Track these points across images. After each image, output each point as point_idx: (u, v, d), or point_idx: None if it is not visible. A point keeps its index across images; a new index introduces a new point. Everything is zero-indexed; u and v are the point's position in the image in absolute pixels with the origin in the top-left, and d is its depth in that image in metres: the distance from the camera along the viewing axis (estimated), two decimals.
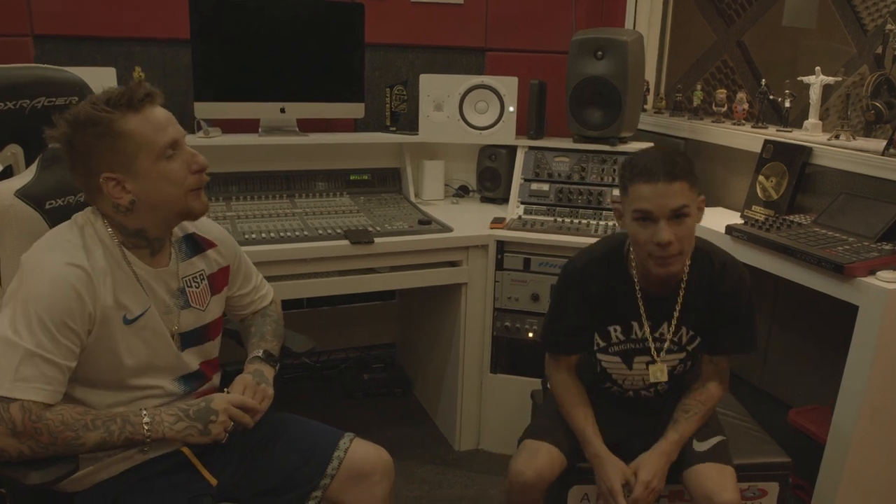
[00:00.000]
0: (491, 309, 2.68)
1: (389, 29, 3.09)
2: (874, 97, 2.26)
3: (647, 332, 1.77)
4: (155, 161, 1.35)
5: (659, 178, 1.56)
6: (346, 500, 1.59)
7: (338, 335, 3.40)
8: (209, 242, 1.61)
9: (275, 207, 2.72)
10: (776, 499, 1.88)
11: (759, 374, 2.70)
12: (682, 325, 1.78)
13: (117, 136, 1.32)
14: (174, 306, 1.50)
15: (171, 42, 2.81)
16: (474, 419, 2.80)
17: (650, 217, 1.58)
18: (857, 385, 1.87)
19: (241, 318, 1.79)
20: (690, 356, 1.83)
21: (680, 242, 1.59)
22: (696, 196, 1.63)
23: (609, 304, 1.77)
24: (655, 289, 1.75)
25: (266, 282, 1.83)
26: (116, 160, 1.33)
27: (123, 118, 1.33)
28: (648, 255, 1.62)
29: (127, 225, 1.40)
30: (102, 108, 1.32)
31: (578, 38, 2.81)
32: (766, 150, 2.51)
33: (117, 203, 1.36)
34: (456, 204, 3.08)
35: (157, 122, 1.36)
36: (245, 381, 1.54)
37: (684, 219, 1.58)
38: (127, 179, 1.35)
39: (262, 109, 2.83)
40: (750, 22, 3.00)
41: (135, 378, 1.42)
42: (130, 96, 1.33)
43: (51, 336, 1.27)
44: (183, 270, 1.52)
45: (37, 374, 1.26)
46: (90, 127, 1.32)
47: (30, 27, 2.61)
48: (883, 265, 1.89)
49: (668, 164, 1.57)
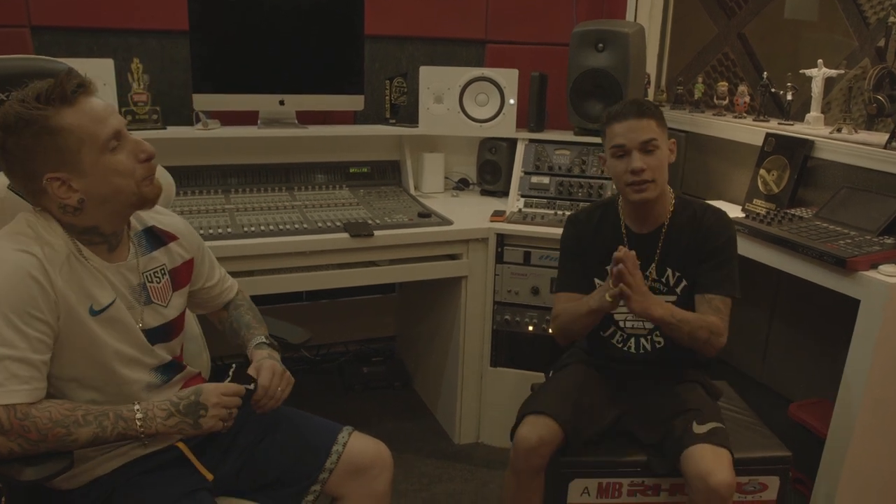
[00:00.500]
0: (491, 302, 2.67)
1: (389, 21, 3.08)
2: (876, 90, 2.25)
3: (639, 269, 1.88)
4: (99, 155, 1.28)
5: (629, 116, 1.82)
6: (344, 493, 1.59)
7: (337, 328, 3.40)
8: (170, 235, 1.55)
9: (274, 200, 2.71)
10: (776, 493, 1.88)
11: (760, 368, 2.70)
12: (665, 266, 1.93)
13: (55, 133, 1.24)
14: (136, 302, 1.44)
15: (170, 33, 2.79)
16: (474, 413, 2.80)
17: (624, 150, 1.83)
18: (858, 379, 1.86)
19: (215, 314, 1.77)
20: (682, 300, 1.92)
21: (652, 171, 1.82)
22: (666, 137, 1.87)
23: (602, 246, 1.95)
24: (639, 228, 1.95)
25: (227, 273, 1.78)
26: (58, 159, 1.26)
27: (58, 114, 1.24)
28: (626, 185, 1.85)
29: (77, 224, 1.33)
30: (34, 106, 1.23)
31: (579, 31, 2.80)
32: (768, 144, 2.50)
33: (64, 203, 1.29)
34: (456, 197, 3.07)
35: (96, 114, 1.28)
36: (273, 367, 1.52)
37: (654, 151, 1.82)
38: (73, 178, 1.27)
39: (261, 101, 2.82)
40: (751, 14, 2.99)
41: (115, 371, 1.38)
42: (62, 89, 1.25)
43: (17, 330, 1.23)
44: (143, 265, 1.46)
45: (9, 377, 1.22)
46: (24, 128, 1.23)
47: (27, 18, 2.59)
48: (885, 259, 1.88)
49: (636, 104, 1.85)
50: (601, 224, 1.99)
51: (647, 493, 1.87)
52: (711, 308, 1.86)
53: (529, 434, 1.79)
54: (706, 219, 1.91)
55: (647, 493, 1.87)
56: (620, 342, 2.01)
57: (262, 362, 1.52)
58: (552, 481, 1.86)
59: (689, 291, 1.93)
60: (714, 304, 1.86)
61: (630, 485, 1.86)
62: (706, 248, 1.89)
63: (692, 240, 1.90)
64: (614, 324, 2.00)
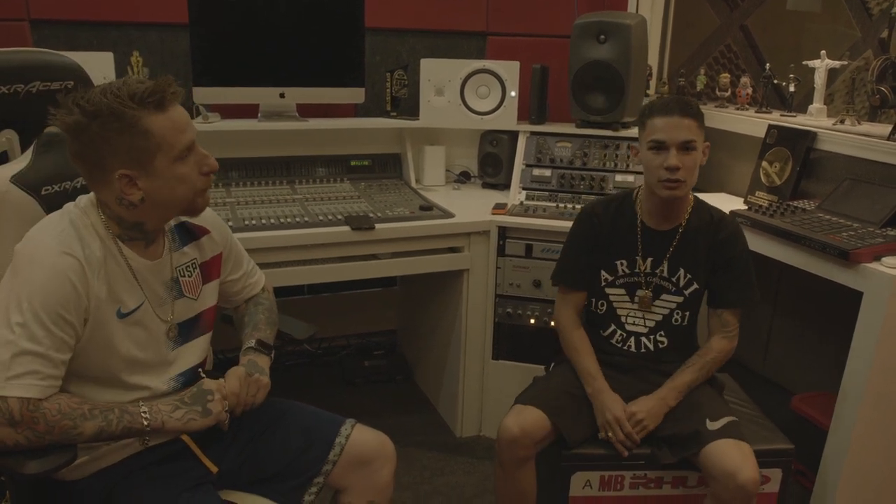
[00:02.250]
0: (492, 295, 2.67)
1: (390, 13, 3.07)
2: (879, 81, 2.24)
3: (649, 265, 1.95)
4: (172, 162, 1.32)
5: (674, 113, 1.81)
6: (347, 486, 1.59)
7: (339, 322, 3.40)
8: (202, 229, 1.58)
9: (275, 193, 2.70)
10: (779, 485, 1.88)
11: (762, 360, 2.69)
12: (678, 265, 1.94)
13: (140, 134, 1.28)
14: (168, 297, 1.47)
15: (170, 26, 2.78)
16: (476, 406, 2.80)
17: (663, 146, 1.81)
18: (861, 371, 1.86)
19: (234, 307, 1.77)
20: (688, 303, 1.95)
21: (686, 171, 1.82)
22: (703, 140, 1.86)
23: (615, 240, 1.97)
24: (656, 225, 1.94)
25: (258, 268, 1.80)
26: (134, 157, 1.29)
27: (149, 116, 1.28)
28: (658, 180, 1.83)
29: (126, 218, 1.37)
30: (128, 104, 1.26)
31: (581, 22, 2.79)
32: (770, 136, 2.49)
33: (125, 198, 1.33)
34: (457, 190, 3.06)
35: (179, 123, 1.32)
36: (237, 373, 1.51)
37: (691, 152, 1.82)
38: (140, 177, 1.31)
39: (262, 94, 2.81)
40: (754, 6, 2.97)
41: (124, 375, 1.39)
42: (162, 96, 1.29)
43: (45, 329, 1.25)
44: (176, 260, 1.50)
45: (30, 371, 1.23)
46: (113, 121, 1.26)
47: (26, 11, 2.59)
48: (888, 251, 1.87)
49: (682, 103, 1.84)
50: (617, 218, 1.99)
51: (650, 486, 1.87)
52: (721, 322, 1.95)
53: (512, 424, 1.81)
54: (723, 229, 1.92)
55: (649, 485, 1.87)
56: (620, 342, 2.01)
57: (230, 371, 1.52)
58: (554, 474, 1.86)
59: (696, 295, 1.95)
60: (724, 318, 1.95)
61: (632, 478, 1.86)
62: (721, 259, 1.92)
63: (707, 246, 1.92)
64: (615, 322, 2.01)
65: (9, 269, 1.30)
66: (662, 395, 1.87)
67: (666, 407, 1.86)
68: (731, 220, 1.95)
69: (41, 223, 1.37)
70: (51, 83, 1.64)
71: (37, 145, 1.57)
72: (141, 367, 1.42)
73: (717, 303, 1.95)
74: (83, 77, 1.71)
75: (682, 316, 1.96)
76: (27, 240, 1.32)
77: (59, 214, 1.37)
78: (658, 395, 1.87)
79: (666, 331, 1.97)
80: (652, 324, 1.97)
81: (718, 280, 1.93)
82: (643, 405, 1.85)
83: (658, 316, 1.97)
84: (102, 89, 1.29)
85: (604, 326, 2.02)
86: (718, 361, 1.93)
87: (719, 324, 1.95)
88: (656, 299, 1.96)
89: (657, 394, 1.87)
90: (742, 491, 1.65)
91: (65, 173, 1.54)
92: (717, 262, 1.92)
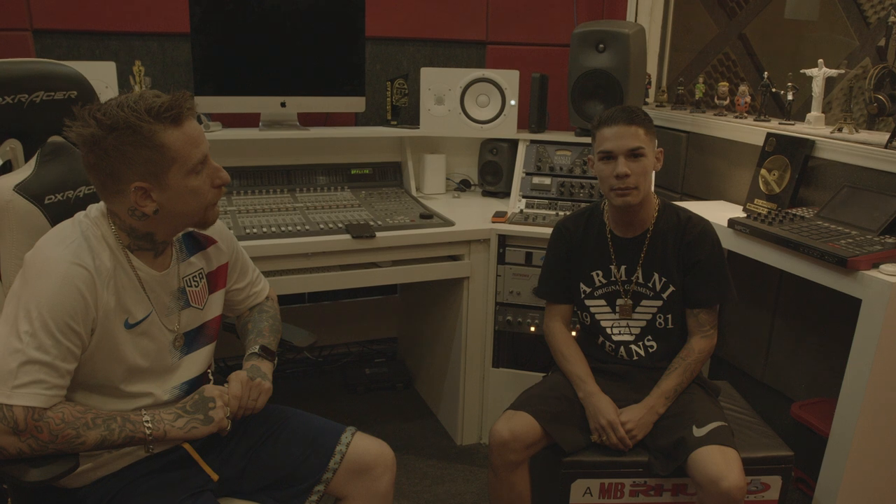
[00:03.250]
0: (493, 303, 2.67)
1: (391, 22, 3.09)
2: (877, 90, 2.25)
3: (624, 273, 1.99)
4: (185, 175, 1.33)
5: (619, 122, 1.86)
6: (348, 493, 1.59)
7: (339, 330, 3.40)
8: (209, 239, 1.59)
9: (276, 202, 2.72)
10: (779, 492, 1.88)
11: (762, 367, 2.69)
12: (651, 270, 1.97)
13: (156, 148, 1.29)
14: (175, 307, 1.48)
15: (171, 36, 2.80)
16: (476, 413, 2.80)
17: (611, 155, 1.87)
18: (860, 378, 1.86)
19: (238, 315, 1.78)
20: (668, 306, 1.97)
21: (636, 178, 1.86)
22: (654, 146, 1.93)
23: (587, 251, 2.02)
24: (623, 233, 1.99)
25: (263, 277, 1.81)
26: (149, 170, 1.30)
27: (165, 131, 1.29)
28: (611, 188, 1.88)
29: (138, 228, 1.38)
30: (145, 119, 1.28)
31: (580, 31, 2.80)
32: (769, 144, 2.50)
33: (139, 210, 1.34)
34: (457, 198, 3.07)
35: (193, 138, 1.34)
36: (240, 377, 1.51)
37: (640, 158, 1.86)
38: (154, 189, 1.32)
39: (263, 103, 2.82)
40: (752, 14, 2.99)
41: (128, 383, 1.40)
42: (179, 111, 1.31)
43: (53, 338, 1.25)
44: (183, 270, 1.51)
45: (36, 380, 1.24)
46: (130, 134, 1.27)
47: (29, 21, 2.60)
48: (886, 258, 1.88)
49: (627, 111, 1.88)
50: (587, 230, 2.03)
51: (650, 494, 1.87)
52: (697, 322, 1.98)
53: (502, 429, 1.83)
54: (690, 229, 1.95)
55: (649, 493, 1.87)
56: (612, 351, 2.03)
57: (233, 374, 1.53)
58: (554, 482, 1.86)
59: (675, 297, 1.97)
60: (700, 319, 1.98)
61: (632, 485, 1.87)
62: (691, 259, 1.95)
63: (676, 248, 1.95)
64: (601, 333, 2.03)
65: (18, 278, 1.31)
66: (651, 404, 1.88)
67: (655, 415, 1.87)
68: (699, 221, 1.98)
69: (52, 232, 1.37)
70: (54, 93, 1.65)
71: (40, 155, 1.58)
72: (145, 376, 1.42)
73: (692, 303, 1.98)
74: (86, 87, 1.72)
75: (665, 319, 1.98)
76: (37, 249, 1.33)
77: (69, 224, 1.38)
78: (646, 404, 1.89)
79: (653, 335, 2.00)
80: (637, 331, 2.00)
81: (690, 280, 1.96)
82: (632, 415, 1.87)
83: (642, 322, 2.00)
84: (119, 102, 1.30)
85: (595, 337, 2.05)
86: (701, 361, 1.95)
87: (696, 324, 1.97)
88: (637, 306, 1.99)
89: (645, 402, 1.89)
90: (726, 497, 1.64)
91: (68, 183, 1.56)
92: (686, 262, 1.95)
